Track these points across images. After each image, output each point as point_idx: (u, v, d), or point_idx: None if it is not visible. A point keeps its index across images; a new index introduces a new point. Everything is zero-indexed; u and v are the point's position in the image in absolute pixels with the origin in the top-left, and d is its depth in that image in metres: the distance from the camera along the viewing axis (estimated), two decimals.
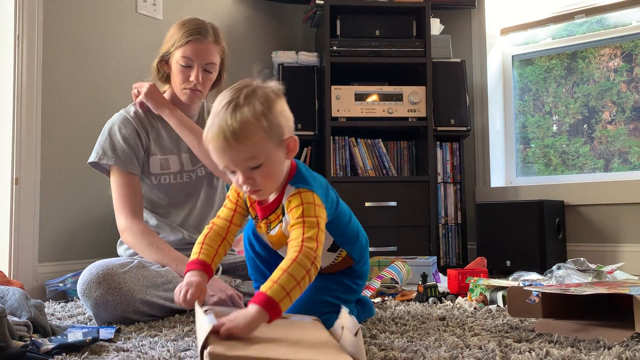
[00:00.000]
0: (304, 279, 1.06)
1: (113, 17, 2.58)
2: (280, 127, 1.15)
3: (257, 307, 0.99)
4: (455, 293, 1.92)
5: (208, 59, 1.79)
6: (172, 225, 1.85)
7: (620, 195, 2.93)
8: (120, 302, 1.48)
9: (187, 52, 1.77)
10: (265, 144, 1.12)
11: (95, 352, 1.17)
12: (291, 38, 3.58)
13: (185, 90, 1.81)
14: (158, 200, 1.86)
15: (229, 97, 1.13)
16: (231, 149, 1.10)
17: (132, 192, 1.78)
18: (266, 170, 1.14)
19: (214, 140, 1.11)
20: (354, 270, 1.42)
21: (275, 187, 1.20)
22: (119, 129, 1.80)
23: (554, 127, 3.34)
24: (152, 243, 1.71)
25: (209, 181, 1.93)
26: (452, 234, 3.12)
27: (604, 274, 1.91)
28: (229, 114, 1.10)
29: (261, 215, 1.26)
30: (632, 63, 3.09)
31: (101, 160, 1.78)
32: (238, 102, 1.11)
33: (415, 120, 2.99)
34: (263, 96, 1.14)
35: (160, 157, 1.85)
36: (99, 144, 1.81)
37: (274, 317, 1.01)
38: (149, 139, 1.84)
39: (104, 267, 1.50)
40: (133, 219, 1.75)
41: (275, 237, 1.27)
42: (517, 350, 1.11)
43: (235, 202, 1.29)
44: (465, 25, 3.47)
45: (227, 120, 1.09)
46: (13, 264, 2.13)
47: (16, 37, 2.18)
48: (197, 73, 1.78)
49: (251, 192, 1.17)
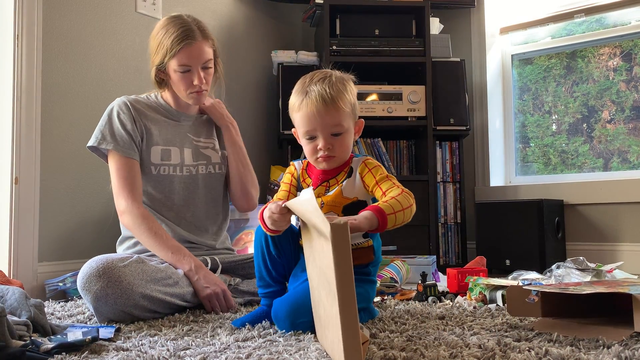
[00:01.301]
0: (409, 208, 1.29)
1: (113, 17, 2.57)
2: (357, 108, 1.42)
3: (371, 212, 1.22)
4: (454, 292, 1.92)
5: (204, 58, 1.79)
6: (166, 220, 1.84)
7: (619, 194, 2.93)
8: (120, 295, 1.48)
9: (183, 60, 1.76)
10: (348, 117, 1.37)
11: (95, 351, 1.17)
12: (291, 37, 3.58)
13: (191, 95, 1.82)
14: (155, 192, 1.85)
15: (322, 76, 1.37)
16: (326, 112, 1.33)
17: (132, 175, 1.78)
18: (343, 140, 1.38)
19: (312, 104, 1.32)
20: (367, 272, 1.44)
21: (344, 158, 1.41)
22: (117, 114, 1.81)
23: (554, 126, 3.34)
24: (150, 228, 1.72)
25: (210, 181, 1.92)
26: (452, 233, 3.13)
27: (603, 273, 1.91)
28: (327, 86, 1.33)
29: (321, 180, 1.42)
30: (631, 62, 3.10)
31: (100, 145, 1.79)
32: (332, 80, 1.36)
33: (415, 120, 3.00)
34: (347, 80, 1.41)
35: (162, 148, 1.85)
36: (99, 128, 1.82)
37: (381, 224, 1.22)
38: (147, 128, 1.84)
39: (104, 261, 1.51)
40: (133, 201, 1.75)
41: (331, 197, 1.41)
42: (516, 349, 1.11)
43: (289, 183, 1.47)
44: (464, 24, 3.47)
45: (326, 90, 1.33)
46: (13, 264, 2.13)
47: (16, 37, 2.18)
48: (198, 75, 1.78)
49: (325, 158, 1.37)
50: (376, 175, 1.37)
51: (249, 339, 1.26)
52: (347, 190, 1.39)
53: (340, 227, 0.94)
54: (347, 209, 1.38)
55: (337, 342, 0.96)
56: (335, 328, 0.97)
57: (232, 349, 1.17)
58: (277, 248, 1.41)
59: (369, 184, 1.39)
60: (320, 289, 1.12)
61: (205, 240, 1.89)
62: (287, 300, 1.31)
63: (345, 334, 0.92)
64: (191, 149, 1.89)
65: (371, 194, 1.40)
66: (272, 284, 1.45)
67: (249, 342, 1.23)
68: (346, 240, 0.95)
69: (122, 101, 1.84)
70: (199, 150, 1.92)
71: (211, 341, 1.24)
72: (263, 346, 1.18)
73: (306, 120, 1.35)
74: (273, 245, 1.41)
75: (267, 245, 1.42)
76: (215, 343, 1.22)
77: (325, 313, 1.07)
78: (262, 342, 1.22)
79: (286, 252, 1.43)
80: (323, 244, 1.03)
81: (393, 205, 1.26)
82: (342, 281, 0.93)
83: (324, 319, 1.10)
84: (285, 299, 1.32)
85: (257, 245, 1.44)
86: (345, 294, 0.93)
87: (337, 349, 0.97)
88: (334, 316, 0.96)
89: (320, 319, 1.14)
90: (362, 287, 1.41)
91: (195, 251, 1.81)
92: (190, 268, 1.68)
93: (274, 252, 1.42)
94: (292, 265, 1.44)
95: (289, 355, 1.09)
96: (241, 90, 3.20)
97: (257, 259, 1.46)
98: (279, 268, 1.44)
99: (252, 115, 3.28)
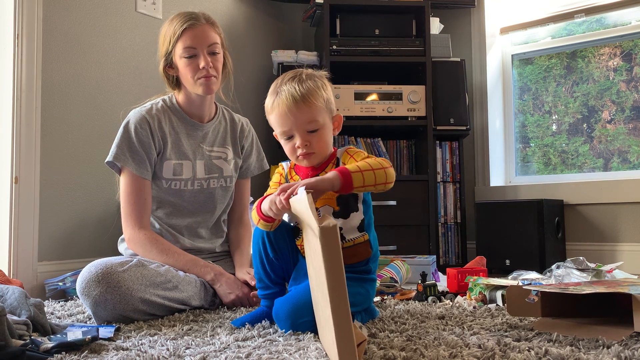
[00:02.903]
0: (379, 170, 1.29)
1: (112, 16, 2.57)
2: (332, 103, 1.42)
3: (333, 172, 1.25)
4: (454, 292, 1.92)
5: (210, 40, 1.76)
6: (173, 232, 1.84)
7: (619, 194, 2.93)
8: (119, 300, 1.48)
9: (188, 41, 1.74)
10: (323, 112, 1.37)
11: (95, 350, 1.17)
12: (291, 37, 3.58)
13: (199, 81, 1.77)
14: (164, 201, 1.84)
15: (292, 75, 1.38)
16: (298, 110, 1.33)
17: (141, 200, 1.76)
18: (321, 135, 1.37)
19: (282, 104, 1.34)
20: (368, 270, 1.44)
21: (325, 154, 1.40)
22: (134, 129, 1.76)
23: (554, 126, 3.34)
24: (161, 250, 1.72)
25: (220, 194, 1.90)
26: (452, 233, 3.13)
27: (603, 273, 1.91)
28: (296, 84, 1.35)
29: (310, 176, 1.40)
30: (631, 62, 3.09)
31: (116, 160, 1.75)
32: (301, 77, 1.37)
33: (415, 120, 3.00)
34: (319, 77, 1.41)
35: (175, 162, 1.82)
36: (116, 143, 1.77)
37: (343, 183, 1.24)
38: (165, 142, 1.81)
39: (103, 266, 1.50)
40: (140, 228, 1.74)
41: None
42: (516, 349, 1.11)
43: (278, 182, 1.46)
44: (464, 24, 3.47)
45: (295, 88, 1.34)
46: (13, 263, 2.13)
47: (16, 36, 2.18)
48: (205, 58, 1.75)
49: (305, 156, 1.37)
50: (357, 159, 1.37)
51: (249, 339, 1.26)
52: None
53: (330, 230, 0.95)
54: (341, 200, 1.38)
55: (332, 344, 0.96)
56: (330, 329, 0.97)
57: (232, 348, 1.17)
58: (274, 251, 1.42)
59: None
60: (317, 290, 1.12)
61: (206, 246, 1.90)
62: (288, 300, 1.31)
63: (338, 336, 0.92)
64: (203, 161, 1.86)
65: None
66: (272, 286, 1.46)
67: (249, 341, 1.23)
68: (336, 242, 0.95)
69: (140, 115, 1.79)
70: (212, 162, 1.89)
71: (211, 341, 1.24)
72: (263, 346, 1.18)
73: (280, 120, 1.36)
74: (271, 248, 1.42)
75: (264, 249, 1.42)
76: (215, 342, 1.22)
77: (322, 314, 1.08)
78: (262, 341, 1.22)
79: (284, 255, 1.43)
80: (316, 244, 1.03)
81: (360, 166, 1.28)
82: (333, 282, 0.93)
83: (322, 319, 1.10)
84: (287, 299, 1.32)
85: (255, 249, 1.45)
86: (336, 295, 0.93)
87: (332, 350, 0.97)
88: (328, 318, 0.96)
89: (320, 319, 1.14)
90: (363, 287, 1.41)
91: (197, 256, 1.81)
92: (212, 277, 1.71)
93: (272, 254, 1.42)
94: (290, 266, 1.45)
95: (289, 355, 1.09)
96: (241, 90, 3.19)
97: (256, 262, 1.46)
98: (277, 270, 1.44)
99: (252, 115, 3.27)
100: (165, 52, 1.79)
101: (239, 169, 1.99)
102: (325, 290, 0.95)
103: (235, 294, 1.70)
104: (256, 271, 1.47)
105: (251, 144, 2.03)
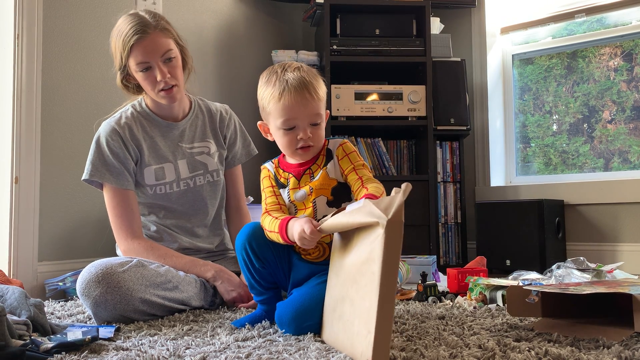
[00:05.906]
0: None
1: (113, 16, 2.56)
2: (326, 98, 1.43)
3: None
4: (454, 292, 1.92)
5: (162, 50, 1.68)
6: (170, 231, 1.84)
7: (620, 194, 2.93)
8: (119, 301, 1.48)
9: (139, 57, 1.67)
10: (324, 106, 1.39)
11: (95, 351, 1.17)
12: (291, 37, 3.58)
13: (160, 93, 1.71)
14: (154, 205, 1.84)
15: (296, 65, 1.38)
16: (309, 102, 1.33)
17: (128, 211, 1.74)
18: (321, 129, 1.39)
19: (295, 93, 1.32)
20: None
21: (320, 147, 1.41)
22: (106, 142, 1.73)
23: (554, 126, 3.34)
24: (158, 256, 1.71)
25: (209, 190, 1.89)
26: (452, 233, 3.13)
27: (603, 273, 1.91)
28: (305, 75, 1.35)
29: (303, 169, 1.41)
30: (632, 62, 3.09)
31: (92, 177, 1.73)
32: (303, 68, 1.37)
33: (415, 120, 2.99)
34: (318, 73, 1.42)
35: (155, 167, 1.80)
36: (89, 159, 1.74)
37: None
38: (140, 149, 1.78)
39: (103, 266, 1.50)
40: (133, 239, 1.73)
41: (319, 181, 1.40)
42: (516, 350, 1.11)
43: (271, 185, 1.44)
44: (465, 24, 3.47)
45: (305, 78, 1.34)
46: (13, 263, 2.13)
47: (16, 36, 2.18)
48: (160, 70, 1.68)
49: (304, 149, 1.37)
50: (354, 161, 1.38)
51: (249, 339, 1.26)
52: (331, 172, 1.40)
53: (396, 223, 0.98)
54: (335, 190, 1.38)
55: (364, 334, 0.99)
56: (365, 321, 0.99)
57: (232, 348, 1.17)
58: (260, 260, 1.40)
59: (344, 168, 1.39)
60: (346, 285, 1.14)
61: (204, 245, 1.90)
62: (292, 304, 1.30)
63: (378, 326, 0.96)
64: (185, 160, 1.84)
65: (344, 177, 1.39)
66: (265, 292, 1.45)
67: (249, 341, 1.23)
68: (399, 236, 0.98)
69: (110, 127, 1.75)
70: (194, 159, 1.86)
71: (211, 341, 1.24)
72: (263, 346, 1.18)
73: (288, 110, 1.34)
74: (255, 258, 1.40)
75: (250, 261, 1.41)
76: (215, 343, 1.22)
77: (352, 308, 1.08)
78: (262, 341, 1.22)
79: (270, 263, 1.41)
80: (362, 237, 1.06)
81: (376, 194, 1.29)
82: (386, 275, 0.97)
83: (348, 315, 1.10)
84: (290, 303, 1.31)
85: (241, 261, 1.44)
86: (387, 287, 0.97)
87: (363, 341, 0.99)
88: (366, 310, 0.99)
89: (343, 316, 1.13)
90: None
91: (194, 255, 1.81)
92: (213, 275, 1.71)
93: (258, 264, 1.41)
94: (279, 272, 1.43)
95: (289, 355, 1.09)
96: (241, 90, 3.19)
97: (244, 272, 1.45)
98: (266, 277, 1.43)
99: (252, 114, 3.27)
100: (119, 65, 1.73)
101: (225, 159, 1.95)
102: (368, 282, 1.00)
103: (237, 292, 1.69)
104: (246, 279, 1.47)
105: (234, 131, 1.97)
